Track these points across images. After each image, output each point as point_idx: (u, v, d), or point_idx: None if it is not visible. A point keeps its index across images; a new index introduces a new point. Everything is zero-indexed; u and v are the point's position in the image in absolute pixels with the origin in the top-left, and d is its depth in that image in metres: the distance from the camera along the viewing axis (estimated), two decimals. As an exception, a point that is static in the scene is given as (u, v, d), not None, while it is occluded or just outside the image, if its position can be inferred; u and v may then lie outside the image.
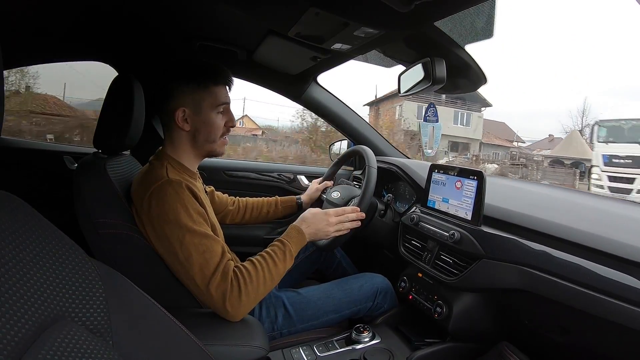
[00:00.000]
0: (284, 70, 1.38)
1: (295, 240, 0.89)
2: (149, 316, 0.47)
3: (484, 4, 0.78)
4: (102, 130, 0.90)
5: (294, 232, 0.90)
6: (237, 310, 0.76)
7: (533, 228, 0.80)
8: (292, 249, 0.86)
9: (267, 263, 0.81)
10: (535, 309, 0.79)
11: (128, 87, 0.90)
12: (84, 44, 1.35)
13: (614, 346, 0.67)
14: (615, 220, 0.84)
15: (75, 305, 0.38)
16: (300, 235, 0.90)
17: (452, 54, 0.93)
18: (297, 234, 0.90)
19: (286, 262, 0.84)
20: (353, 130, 1.58)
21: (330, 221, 0.95)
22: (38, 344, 0.33)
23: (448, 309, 0.90)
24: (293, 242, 0.88)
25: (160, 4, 1.02)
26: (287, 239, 0.88)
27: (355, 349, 0.93)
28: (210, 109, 0.87)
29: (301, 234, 0.90)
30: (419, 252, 1.04)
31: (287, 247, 0.85)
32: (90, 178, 0.84)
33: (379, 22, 0.82)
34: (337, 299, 1.04)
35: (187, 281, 0.78)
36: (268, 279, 0.80)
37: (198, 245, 0.76)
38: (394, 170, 1.32)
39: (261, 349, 0.75)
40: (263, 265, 0.81)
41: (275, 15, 0.90)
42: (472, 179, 0.90)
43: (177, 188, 0.78)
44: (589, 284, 0.65)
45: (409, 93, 1.09)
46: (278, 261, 0.83)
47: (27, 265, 0.36)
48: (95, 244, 0.81)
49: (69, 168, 1.49)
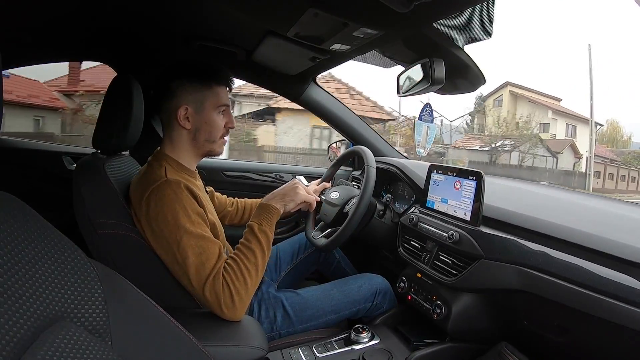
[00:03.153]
0: (283, 70, 1.38)
1: (262, 217, 0.87)
2: (148, 317, 0.47)
3: (483, 5, 0.79)
4: (101, 131, 0.90)
5: (258, 210, 0.90)
6: (233, 311, 0.76)
7: (532, 228, 0.80)
8: (264, 226, 0.85)
9: (244, 255, 0.81)
10: (534, 309, 0.79)
11: (127, 88, 0.89)
12: (83, 44, 1.35)
13: (613, 346, 0.67)
14: (614, 220, 0.84)
15: (74, 306, 0.38)
16: (265, 208, 0.89)
17: (451, 54, 0.93)
18: (262, 209, 0.89)
19: (261, 243, 0.83)
20: (352, 130, 1.58)
21: (296, 184, 0.97)
22: (37, 345, 0.33)
23: (447, 310, 0.90)
24: (262, 220, 0.87)
25: (160, 4, 1.02)
26: (253, 220, 0.87)
27: (354, 350, 0.93)
28: (212, 108, 0.88)
29: (267, 206, 0.90)
30: (418, 253, 1.04)
31: (255, 228, 0.85)
32: (89, 178, 0.83)
33: (378, 23, 0.82)
34: (336, 300, 1.04)
35: (184, 282, 0.78)
36: (252, 269, 0.80)
37: (195, 247, 0.76)
38: (393, 170, 1.32)
39: (260, 350, 0.74)
40: (242, 258, 0.80)
41: (274, 16, 0.90)
42: (471, 179, 0.90)
43: (176, 188, 0.78)
44: (588, 284, 0.65)
45: (407, 94, 1.09)
46: (254, 247, 0.82)
47: (26, 265, 0.36)
48: (95, 245, 0.81)
49: (68, 168, 1.48)
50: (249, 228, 0.86)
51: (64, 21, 1.14)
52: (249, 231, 0.85)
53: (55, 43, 1.33)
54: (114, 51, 1.38)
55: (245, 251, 0.82)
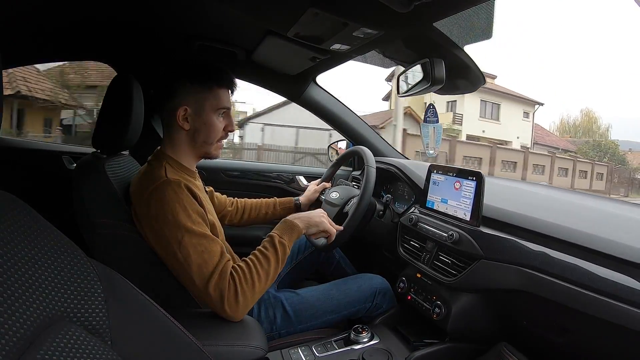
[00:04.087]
0: (283, 70, 1.38)
1: (284, 231, 0.87)
2: (148, 316, 0.47)
3: (483, 5, 0.79)
4: (101, 130, 0.90)
5: (282, 224, 0.89)
6: (235, 311, 0.76)
7: (532, 229, 0.80)
8: (284, 240, 0.85)
9: (258, 260, 0.81)
10: (533, 309, 0.79)
11: (127, 87, 0.89)
12: (83, 43, 1.35)
13: (613, 347, 0.67)
14: (614, 221, 0.84)
15: (74, 306, 0.38)
16: (290, 224, 0.89)
17: (451, 54, 0.93)
18: (286, 224, 0.89)
19: (278, 254, 0.83)
20: (352, 130, 1.58)
21: (323, 214, 0.96)
22: (36, 344, 0.33)
23: (447, 310, 0.90)
24: (284, 233, 0.86)
25: (160, 4, 1.02)
26: (275, 231, 0.87)
27: (354, 350, 0.93)
28: (211, 110, 0.88)
29: (291, 223, 0.89)
30: (417, 253, 1.04)
31: (275, 239, 0.84)
32: (89, 178, 0.83)
33: (378, 23, 0.82)
34: (336, 300, 1.04)
35: (185, 281, 0.78)
36: (263, 276, 0.79)
37: (197, 246, 0.76)
38: (393, 170, 1.32)
39: (260, 350, 0.74)
40: (255, 262, 0.80)
41: (274, 16, 0.90)
42: (471, 179, 0.90)
43: (176, 188, 0.78)
44: (588, 284, 0.65)
45: (408, 94, 1.09)
46: (270, 255, 0.82)
47: (25, 265, 0.36)
48: (94, 244, 0.81)
49: (68, 168, 1.48)
50: (269, 237, 0.85)
51: (64, 21, 1.14)
52: (268, 240, 0.85)
53: (56, 42, 1.33)
54: (114, 51, 1.38)
55: (260, 257, 0.81)
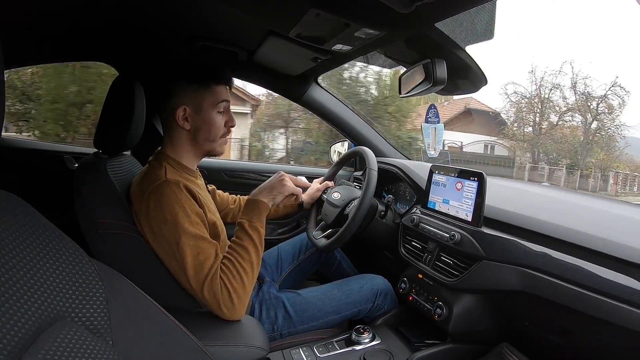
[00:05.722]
0: (285, 71, 1.38)
1: (252, 213, 0.87)
2: (149, 316, 0.47)
3: (485, 5, 0.78)
4: (102, 131, 0.90)
5: (247, 206, 0.89)
6: (232, 310, 0.76)
7: (533, 229, 0.80)
8: (255, 222, 0.85)
9: (238, 254, 0.81)
10: (535, 310, 0.79)
11: (129, 88, 0.90)
12: (85, 44, 1.35)
13: (615, 348, 0.67)
14: (616, 221, 0.84)
15: (75, 305, 0.38)
16: (254, 204, 0.89)
17: (452, 55, 0.93)
18: (250, 205, 0.89)
19: (254, 240, 0.83)
20: (354, 131, 1.58)
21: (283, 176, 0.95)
22: (38, 344, 0.33)
23: (448, 310, 0.90)
24: (252, 216, 0.86)
25: (161, 5, 1.02)
26: (243, 217, 0.87)
27: (355, 350, 0.93)
28: (211, 108, 0.88)
29: (255, 202, 0.89)
30: (419, 253, 1.03)
31: (245, 225, 0.84)
32: (90, 178, 0.84)
33: (379, 23, 0.82)
34: (337, 300, 1.03)
35: (183, 282, 0.78)
36: (248, 268, 0.80)
37: (193, 247, 0.76)
38: (395, 171, 1.32)
39: (261, 350, 0.75)
40: (237, 257, 0.80)
41: (275, 16, 0.90)
42: (473, 180, 0.90)
43: (175, 188, 0.78)
44: (589, 285, 0.65)
45: (409, 94, 1.09)
46: (247, 244, 0.82)
47: (27, 265, 0.36)
48: (96, 244, 0.81)
49: (69, 168, 1.49)
50: (239, 226, 0.86)
51: (65, 22, 1.15)
52: (239, 229, 0.85)
53: (57, 43, 1.33)
54: (115, 52, 1.39)
55: (238, 249, 0.82)
